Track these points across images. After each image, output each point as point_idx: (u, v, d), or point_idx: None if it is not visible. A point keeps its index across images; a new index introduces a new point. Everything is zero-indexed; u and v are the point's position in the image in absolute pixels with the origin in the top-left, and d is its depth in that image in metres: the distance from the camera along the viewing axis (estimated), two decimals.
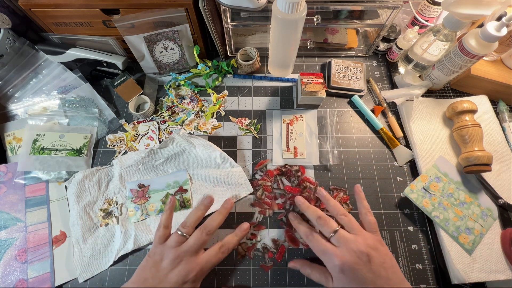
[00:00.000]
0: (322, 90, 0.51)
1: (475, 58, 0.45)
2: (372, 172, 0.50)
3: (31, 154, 0.48)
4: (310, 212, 0.40)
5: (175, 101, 0.56)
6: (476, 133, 0.47)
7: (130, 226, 0.45)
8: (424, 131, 0.52)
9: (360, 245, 0.35)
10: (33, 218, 0.45)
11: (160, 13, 0.48)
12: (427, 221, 0.46)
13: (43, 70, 0.55)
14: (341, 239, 0.36)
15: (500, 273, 0.42)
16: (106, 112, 0.54)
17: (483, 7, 0.41)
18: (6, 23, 0.48)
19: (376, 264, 0.34)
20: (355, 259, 0.34)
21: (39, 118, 0.52)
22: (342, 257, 0.34)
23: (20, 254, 0.43)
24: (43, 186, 0.48)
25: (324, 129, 0.54)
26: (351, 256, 0.34)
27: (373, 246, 0.36)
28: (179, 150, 0.50)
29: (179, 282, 0.35)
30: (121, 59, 0.54)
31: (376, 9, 0.52)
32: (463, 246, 0.43)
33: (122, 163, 0.49)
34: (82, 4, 0.46)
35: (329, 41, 0.61)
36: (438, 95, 0.57)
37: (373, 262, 0.34)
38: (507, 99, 0.54)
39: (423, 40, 0.51)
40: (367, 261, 0.34)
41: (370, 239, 0.36)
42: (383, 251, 0.36)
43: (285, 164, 0.51)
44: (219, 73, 0.59)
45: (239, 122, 0.55)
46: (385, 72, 0.60)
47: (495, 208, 0.46)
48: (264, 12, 0.47)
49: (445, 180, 0.47)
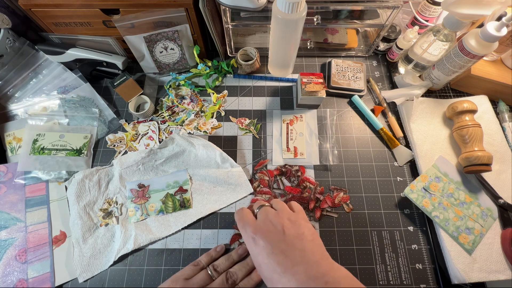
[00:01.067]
0: (322, 90, 0.51)
1: (475, 58, 0.45)
2: (372, 172, 0.50)
3: (31, 154, 0.48)
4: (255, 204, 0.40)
5: (175, 101, 0.56)
6: (476, 133, 0.47)
7: (130, 226, 0.45)
8: (424, 131, 0.52)
9: (278, 217, 0.34)
10: (33, 218, 0.45)
11: (160, 13, 0.48)
12: (427, 221, 0.46)
13: (43, 70, 0.55)
14: (263, 212, 0.36)
15: (500, 273, 0.42)
16: (106, 112, 0.54)
17: (483, 7, 0.41)
18: (6, 23, 0.48)
19: (291, 235, 0.33)
20: (269, 227, 0.33)
21: (39, 118, 0.52)
22: (256, 226, 0.34)
23: (20, 254, 0.43)
24: (43, 186, 0.48)
25: (324, 129, 0.54)
26: (265, 225, 0.34)
27: (293, 219, 0.35)
28: (179, 150, 0.50)
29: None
30: (121, 59, 0.54)
31: (376, 9, 0.52)
32: (463, 246, 0.43)
33: (122, 163, 0.49)
34: (82, 4, 0.46)
35: (329, 41, 0.61)
36: (438, 95, 0.57)
37: (287, 233, 0.33)
38: (507, 99, 0.54)
39: (423, 40, 0.51)
40: (281, 231, 0.33)
41: (293, 215, 0.35)
42: (304, 225, 0.35)
43: (285, 164, 0.51)
44: (219, 73, 0.59)
45: (239, 122, 0.55)
46: (385, 72, 0.60)
47: (495, 208, 0.46)
48: (264, 12, 0.47)
49: (445, 180, 0.47)
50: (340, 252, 0.45)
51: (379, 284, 0.42)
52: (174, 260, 0.44)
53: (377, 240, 0.45)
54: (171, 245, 0.45)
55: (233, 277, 0.39)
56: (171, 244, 0.45)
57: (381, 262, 0.44)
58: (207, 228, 0.46)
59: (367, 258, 0.44)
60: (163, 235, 0.45)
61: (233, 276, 0.39)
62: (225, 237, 0.45)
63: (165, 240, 0.45)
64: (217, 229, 0.46)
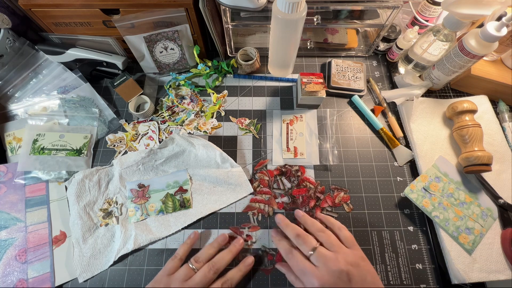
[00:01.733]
0: (322, 90, 0.51)
1: (475, 58, 0.45)
2: (372, 172, 0.50)
3: (31, 154, 0.48)
4: (289, 230, 0.39)
5: (175, 101, 0.56)
6: (476, 133, 0.47)
7: (130, 226, 0.45)
8: (424, 131, 0.52)
9: (340, 263, 0.34)
10: (33, 218, 0.45)
11: (160, 13, 0.48)
12: (427, 221, 0.46)
13: (43, 70, 0.55)
14: (320, 258, 0.35)
15: (500, 273, 0.42)
16: (106, 112, 0.54)
17: (483, 7, 0.41)
18: (6, 23, 0.48)
19: (357, 282, 0.33)
20: (335, 279, 0.33)
21: (39, 118, 0.52)
22: (322, 278, 0.33)
23: (20, 254, 0.43)
24: (43, 186, 0.48)
25: (324, 129, 0.54)
26: (331, 277, 0.33)
27: (354, 263, 0.35)
28: (179, 150, 0.50)
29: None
30: (121, 59, 0.54)
31: (376, 9, 0.52)
32: (463, 246, 0.43)
33: (122, 163, 0.49)
34: (82, 4, 0.46)
35: (329, 41, 0.61)
36: (438, 95, 0.57)
37: (353, 281, 0.33)
38: (507, 99, 0.54)
39: (423, 40, 0.51)
40: (347, 281, 0.33)
41: (350, 255, 0.35)
42: (364, 267, 0.35)
43: (285, 164, 0.51)
44: (219, 73, 0.59)
45: (239, 122, 0.55)
46: (385, 72, 0.60)
47: (495, 208, 0.46)
48: (264, 12, 0.47)
49: (445, 180, 0.47)
50: None
51: None
52: None
53: (377, 240, 0.45)
54: (171, 245, 0.45)
55: (216, 266, 0.39)
56: (171, 244, 0.45)
57: (381, 262, 0.44)
58: (207, 228, 0.46)
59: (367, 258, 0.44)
60: (163, 235, 0.45)
61: (216, 265, 0.39)
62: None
63: (165, 240, 0.45)
64: (217, 229, 0.46)
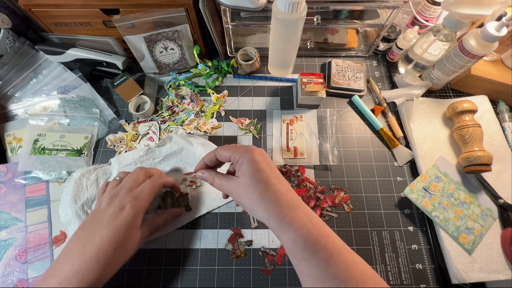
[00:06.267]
0: (322, 90, 0.51)
1: (475, 58, 0.45)
2: (372, 172, 0.50)
3: (31, 154, 0.48)
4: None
5: (175, 101, 0.56)
6: (476, 133, 0.47)
7: None
8: (424, 131, 0.52)
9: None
10: (33, 218, 0.45)
11: (160, 13, 0.48)
12: (427, 221, 0.46)
13: (43, 70, 0.55)
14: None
15: (500, 273, 0.42)
16: (106, 112, 0.54)
17: (483, 7, 0.41)
18: (6, 23, 0.48)
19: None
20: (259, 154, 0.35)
21: (40, 118, 0.52)
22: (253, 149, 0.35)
23: (20, 254, 0.43)
24: (44, 186, 0.48)
25: (324, 129, 0.54)
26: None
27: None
28: (177, 149, 0.50)
29: (116, 211, 0.36)
30: (121, 59, 0.54)
31: (376, 9, 0.52)
32: (463, 246, 0.43)
33: (120, 162, 0.49)
34: (82, 4, 0.46)
35: (329, 41, 0.61)
36: (438, 95, 0.57)
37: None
38: (507, 99, 0.54)
39: (423, 40, 0.51)
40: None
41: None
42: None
43: (285, 164, 0.51)
44: (219, 73, 0.59)
45: (239, 122, 0.55)
46: (385, 72, 0.60)
47: (495, 208, 0.46)
48: (264, 12, 0.47)
49: (445, 180, 0.47)
50: None
51: None
52: (174, 260, 0.44)
53: (377, 240, 0.45)
54: (171, 245, 0.45)
55: (141, 167, 0.42)
56: (171, 244, 0.45)
57: (381, 262, 0.44)
58: (207, 228, 0.46)
59: (367, 258, 0.44)
60: (161, 234, 0.45)
61: (141, 167, 0.42)
62: (225, 237, 0.45)
63: (165, 240, 0.45)
64: (217, 229, 0.46)
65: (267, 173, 0.33)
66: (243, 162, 0.34)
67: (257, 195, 0.32)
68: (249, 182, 0.33)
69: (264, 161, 0.34)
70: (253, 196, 0.32)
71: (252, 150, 0.35)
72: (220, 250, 0.45)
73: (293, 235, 0.30)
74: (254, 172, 0.33)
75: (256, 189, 0.32)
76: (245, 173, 0.33)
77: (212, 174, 0.38)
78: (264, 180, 0.33)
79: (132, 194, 0.38)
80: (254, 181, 0.33)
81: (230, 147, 0.37)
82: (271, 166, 0.35)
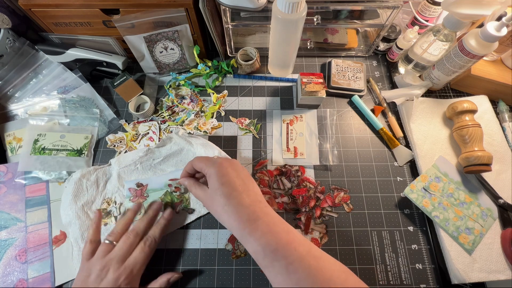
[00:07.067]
0: (322, 90, 0.51)
1: (475, 58, 0.45)
2: (372, 172, 0.50)
3: (32, 154, 0.48)
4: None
5: (175, 101, 0.56)
6: (476, 133, 0.47)
7: None
8: (424, 131, 0.52)
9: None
10: (33, 218, 0.45)
11: (160, 13, 0.48)
12: (427, 221, 0.46)
13: (43, 70, 0.55)
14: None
15: (500, 273, 0.42)
16: (106, 112, 0.54)
17: (483, 7, 0.41)
18: (6, 23, 0.48)
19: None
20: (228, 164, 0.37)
21: (40, 118, 0.52)
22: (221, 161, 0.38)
23: (20, 254, 0.43)
24: (44, 186, 0.48)
25: (324, 129, 0.54)
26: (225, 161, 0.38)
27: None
28: (177, 149, 0.50)
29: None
30: (121, 59, 0.54)
31: (376, 9, 0.52)
32: (463, 246, 0.43)
33: (120, 162, 0.49)
34: (82, 4, 0.46)
35: (329, 41, 0.61)
36: (438, 95, 0.57)
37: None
38: (507, 99, 0.54)
39: (423, 40, 0.51)
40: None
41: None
42: None
43: (285, 164, 0.51)
44: (219, 73, 0.59)
45: (239, 122, 0.55)
46: (385, 72, 0.60)
47: (495, 208, 0.46)
48: (264, 12, 0.47)
49: (445, 180, 0.47)
50: (340, 252, 0.45)
51: (379, 284, 0.42)
52: (174, 260, 0.44)
53: (377, 240, 0.45)
54: (171, 245, 0.45)
55: (134, 230, 0.39)
56: (171, 244, 0.45)
57: (381, 262, 0.44)
58: (207, 228, 0.46)
59: (367, 258, 0.44)
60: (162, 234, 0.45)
61: (134, 229, 0.40)
62: (225, 237, 0.45)
63: (165, 240, 0.45)
64: (217, 229, 0.46)
65: (232, 186, 0.35)
66: (211, 175, 0.36)
67: (220, 207, 0.35)
68: (213, 194, 0.36)
69: (233, 173, 0.36)
70: (218, 208, 0.35)
71: (220, 163, 0.37)
72: (220, 250, 0.45)
73: (253, 245, 0.32)
74: (218, 186, 0.35)
75: (219, 202, 0.35)
76: (211, 185, 0.36)
77: (191, 183, 0.40)
78: (227, 193, 0.35)
79: (125, 267, 0.36)
80: (218, 195, 0.35)
81: (203, 159, 0.39)
82: (240, 177, 0.36)
